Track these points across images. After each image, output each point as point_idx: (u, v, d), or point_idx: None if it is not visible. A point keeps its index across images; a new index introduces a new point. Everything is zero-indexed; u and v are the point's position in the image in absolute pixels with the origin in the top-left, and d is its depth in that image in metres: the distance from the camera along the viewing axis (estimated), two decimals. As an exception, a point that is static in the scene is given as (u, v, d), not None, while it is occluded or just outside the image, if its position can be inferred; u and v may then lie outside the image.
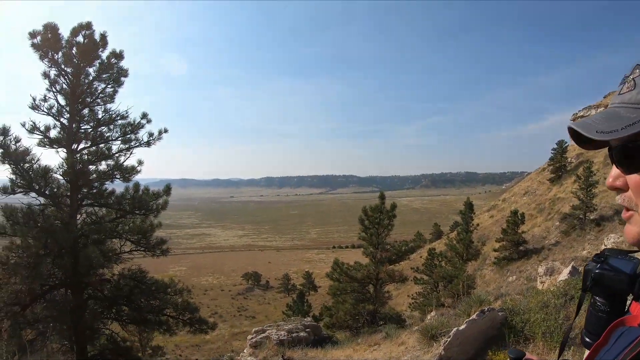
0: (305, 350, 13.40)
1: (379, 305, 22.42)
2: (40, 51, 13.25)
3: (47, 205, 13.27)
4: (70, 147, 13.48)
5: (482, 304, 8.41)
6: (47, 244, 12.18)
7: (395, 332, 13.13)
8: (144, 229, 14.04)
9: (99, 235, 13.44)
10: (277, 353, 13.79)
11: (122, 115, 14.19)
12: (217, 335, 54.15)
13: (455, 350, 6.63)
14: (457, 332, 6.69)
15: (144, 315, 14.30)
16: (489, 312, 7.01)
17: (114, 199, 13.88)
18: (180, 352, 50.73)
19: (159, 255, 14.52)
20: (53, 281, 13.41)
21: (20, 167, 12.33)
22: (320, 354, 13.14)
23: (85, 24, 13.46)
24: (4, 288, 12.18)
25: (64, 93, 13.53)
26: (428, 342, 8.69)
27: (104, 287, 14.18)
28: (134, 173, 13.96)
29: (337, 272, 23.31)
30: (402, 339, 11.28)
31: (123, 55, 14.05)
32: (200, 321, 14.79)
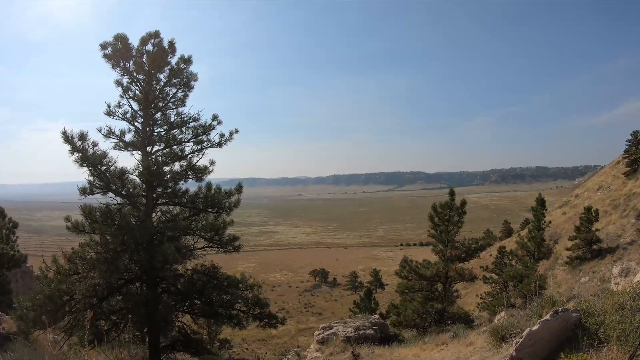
0: (372, 348, 13.48)
1: (447, 305, 22.19)
2: (112, 61, 13.94)
3: (124, 204, 13.91)
4: (145, 150, 14.07)
5: (554, 304, 8.10)
6: (124, 241, 12.71)
7: (463, 332, 13.03)
8: (217, 226, 14.29)
9: (174, 232, 13.96)
10: (344, 349, 13.95)
11: (193, 118, 14.62)
12: (284, 331, 54.75)
13: (526, 352, 6.40)
14: (529, 332, 6.44)
15: (215, 309, 14.64)
16: (563, 312, 6.69)
17: (188, 198, 14.33)
18: (247, 346, 51.50)
19: (231, 251, 14.81)
20: (129, 275, 14.04)
21: (98, 169, 13.04)
22: (386, 352, 13.19)
23: (154, 32, 13.95)
24: (83, 281, 12.91)
25: (137, 99, 14.15)
26: (498, 343, 8.57)
27: (177, 282, 14.57)
28: (207, 173, 14.32)
29: (405, 270, 23.14)
30: (470, 339, 11.20)
31: (191, 60, 14.45)
32: (270, 316, 15.01)
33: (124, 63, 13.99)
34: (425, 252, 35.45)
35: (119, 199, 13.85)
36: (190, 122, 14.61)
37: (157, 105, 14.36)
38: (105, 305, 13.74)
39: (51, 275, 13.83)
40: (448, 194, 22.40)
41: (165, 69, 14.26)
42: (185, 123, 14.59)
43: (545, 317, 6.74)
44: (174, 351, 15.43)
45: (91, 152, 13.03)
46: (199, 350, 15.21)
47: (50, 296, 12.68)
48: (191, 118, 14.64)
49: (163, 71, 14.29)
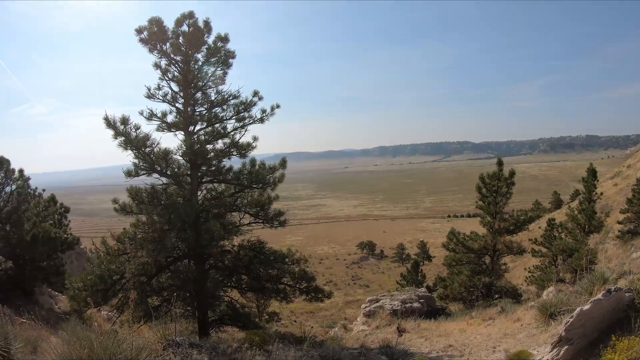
0: (419, 321, 13.52)
1: (495, 278, 21.95)
2: (149, 44, 14.02)
3: (169, 184, 14.13)
4: (187, 130, 14.23)
5: (605, 282, 7.81)
6: (171, 220, 12.95)
7: (510, 308, 12.94)
8: (262, 202, 14.45)
9: (219, 209, 14.19)
10: (390, 322, 14.03)
11: (234, 95, 14.58)
12: (331, 303, 55.23)
13: (576, 332, 6.22)
14: (580, 312, 6.25)
15: (262, 284, 14.84)
16: (616, 292, 6.46)
17: (232, 175, 14.39)
18: (295, 318, 52.18)
19: (277, 226, 14.89)
20: (177, 253, 14.35)
21: (142, 151, 13.30)
22: (433, 325, 13.20)
23: (188, 13, 13.99)
24: (132, 261, 13.30)
25: (176, 80, 14.24)
26: (546, 320, 8.40)
27: (224, 258, 14.77)
28: (250, 149, 14.33)
29: (453, 242, 22.96)
30: (517, 315, 11.10)
31: (228, 38, 14.41)
32: (316, 290, 15.02)
33: (161, 46, 14.07)
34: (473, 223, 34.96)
35: (164, 179, 14.08)
36: (231, 100, 14.60)
37: (197, 85, 14.42)
38: (155, 282, 14.10)
39: (101, 256, 14.31)
40: (496, 164, 21.97)
41: (202, 48, 14.26)
42: (226, 101, 14.60)
43: (597, 296, 6.53)
44: (223, 325, 15.70)
45: (134, 135, 13.29)
46: (246, 324, 15.43)
47: (101, 276, 13.15)
48: (232, 95, 14.61)
49: (200, 51, 14.30)
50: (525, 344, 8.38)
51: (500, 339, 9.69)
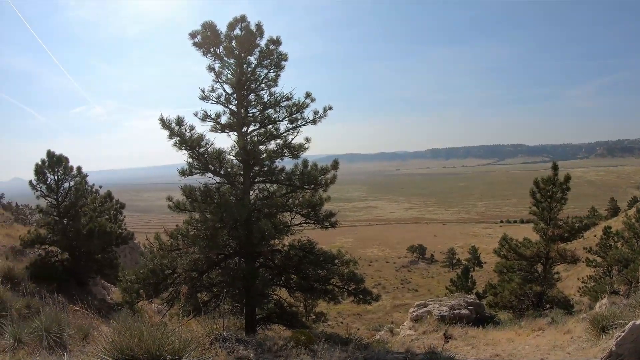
0: (466, 329, 13.35)
1: (547, 287, 21.39)
2: (202, 48, 14.43)
3: (222, 183, 14.47)
4: (241, 130, 14.49)
5: None
6: (223, 218, 13.22)
7: (561, 319, 12.61)
8: (313, 203, 14.53)
9: (271, 209, 14.35)
10: (437, 328, 13.90)
11: (286, 97, 14.77)
12: (379, 306, 54.96)
13: (627, 348, 5.94)
14: (633, 326, 5.96)
15: (311, 284, 14.93)
16: None
17: (284, 175, 14.59)
18: (342, 319, 52.12)
19: (328, 227, 14.91)
20: (228, 251, 14.67)
21: (196, 151, 13.66)
22: (480, 333, 13.01)
23: (240, 17, 14.21)
24: (184, 256, 13.67)
25: (230, 82, 14.54)
26: (597, 333, 8.17)
27: (274, 257, 15.00)
28: (302, 150, 14.47)
29: (504, 249, 22.48)
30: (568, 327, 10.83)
31: (280, 41, 14.58)
32: (364, 292, 14.98)
33: (214, 49, 14.42)
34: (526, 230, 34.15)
35: (218, 179, 14.41)
36: (283, 101, 14.79)
37: (250, 87, 14.66)
38: (205, 278, 14.44)
39: (154, 251, 14.75)
40: (551, 168, 21.39)
41: (255, 51, 14.50)
42: (279, 102, 14.79)
43: (652, 310, 6.34)
44: (270, 323, 15.92)
45: (188, 135, 13.67)
46: (293, 323, 15.64)
47: (153, 270, 13.60)
48: (284, 97, 14.80)
49: (253, 54, 14.54)
50: (575, 357, 8.18)
51: (549, 351, 9.48)
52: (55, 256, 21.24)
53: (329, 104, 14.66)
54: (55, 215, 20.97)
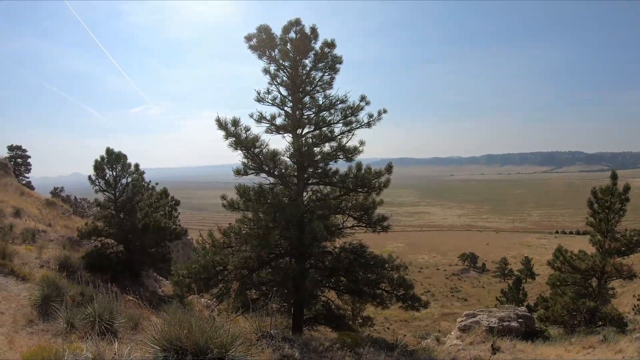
0: (515, 342, 13.09)
1: (601, 303, 20.50)
2: (258, 51, 14.65)
3: (276, 184, 14.65)
4: (295, 132, 14.66)
5: None
6: (276, 218, 13.35)
7: (613, 337, 12.26)
8: (366, 206, 14.45)
9: (323, 211, 14.38)
10: (485, 340, 13.66)
11: (341, 100, 14.79)
12: (427, 314, 54.44)
13: None
14: None
15: (360, 287, 14.86)
16: None
17: (338, 178, 14.52)
18: (389, 325, 51.84)
19: (380, 231, 14.78)
20: (279, 250, 14.81)
21: (251, 152, 13.88)
22: (529, 348, 12.77)
23: (295, 20, 14.34)
24: (236, 254, 13.92)
25: (285, 85, 14.73)
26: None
27: (325, 258, 15.05)
28: (356, 153, 14.38)
29: (558, 261, 21.73)
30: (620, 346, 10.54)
31: (335, 44, 14.61)
32: (413, 298, 14.82)
33: (270, 52, 14.61)
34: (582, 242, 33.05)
35: (272, 179, 14.58)
36: (338, 104, 14.83)
37: (305, 90, 14.79)
38: (255, 276, 14.66)
39: (207, 247, 15.03)
40: (610, 177, 20.55)
41: (309, 54, 14.61)
42: (334, 105, 14.83)
43: None
44: (316, 324, 15.94)
45: (244, 136, 13.90)
46: (340, 325, 15.58)
47: (205, 266, 13.89)
48: (339, 100, 14.83)
49: (308, 56, 14.66)
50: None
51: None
52: (110, 248, 22.04)
53: (383, 107, 14.63)
54: (112, 209, 21.76)
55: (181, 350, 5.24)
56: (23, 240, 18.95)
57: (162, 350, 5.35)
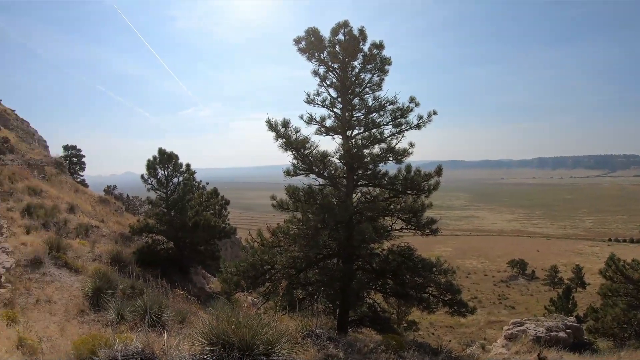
0: (562, 353, 12.79)
1: None
2: (307, 53, 14.81)
3: (326, 185, 14.76)
4: (345, 134, 14.69)
5: None
6: (325, 219, 13.48)
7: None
8: (415, 209, 14.37)
9: (372, 212, 14.38)
10: (531, 350, 13.38)
11: (390, 101, 14.76)
12: (473, 320, 53.62)
13: None
14: None
15: (407, 291, 14.78)
16: None
17: (387, 180, 14.51)
18: (434, 330, 51.32)
19: (428, 234, 14.70)
20: (327, 251, 14.89)
21: (301, 153, 14.03)
22: (576, 359, 12.49)
23: (343, 22, 14.43)
24: (284, 254, 14.06)
25: (334, 86, 14.82)
26: None
27: (372, 260, 15.02)
28: (406, 155, 14.33)
29: (610, 270, 21.02)
30: (671, 363, 10.22)
31: (383, 45, 14.60)
32: (460, 303, 14.69)
33: (318, 54, 14.75)
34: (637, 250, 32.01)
35: (321, 180, 14.69)
36: (387, 106, 14.79)
37: (354, 91, 14.82)
38: (302, 276, 14.76)
39: (255, 246, 15.21)
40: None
41: (358, 55, 14.65)
42: (383, 107, 14.81)
43: None
44: (361, 326, 15.96)
45: (294, 137, 14.07)
46: (385, 328, 15.53)
47: (253, 264, 14.11)
48: (388, 101, 14.80)
49: (357, 58, 14.70)
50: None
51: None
52: (160, 244, 22.62)
53: (433, 108, 14.54)
54: (163, 207, 22.30)
55: (228, 344, 5.34)
56: (77, 235, 19.55)
57: (209, 343, 5.46)
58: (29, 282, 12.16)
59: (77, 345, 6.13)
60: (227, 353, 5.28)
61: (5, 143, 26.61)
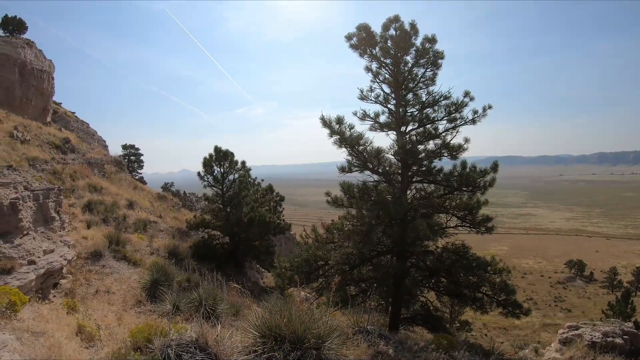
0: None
1: None
2: (359, 50, 14.81)
3: (380, 181, 14.69)
4: (399, 129, 14.63)
5: None
6: (379, 216, 13.43)
7: None
8: (470, 206, 14.11)
9: (427, 209, 14.26)
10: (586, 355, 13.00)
11: (444, 96, 14.56)
12: (527, 322, 52.69)
13: None
14: None
15: (460, 289, 14.61)
16: None
17: (442, 176, 14.30)
18: (487, 332, 50.68)
19: (484, 232, 14.32)
20: (381, 248, 14.84)
21: (355, 149, 14.02)
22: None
23: (394, 17, 14.35)
24: (338, 250, 14.14)
25: (387, 82, 14.77)
26: None
27: (426, 258, 14.87)
28: (461, 151, 14.09)
29: None
30: None
31: (436, 39, 14.43)
32: (514, 304, 14.35)
33: (370, 50, 14.73)
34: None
35: (375, 177, 14.64)
36: (441, 100, 14.61)
37: (408, 87, 14.74)
38: (356, 272, 14.78)
39: (310, 242, 15.33)
40: None
41: (410, 50, 14.53)
42: (437, 102, 14.64)
43: None
44: (413, 324, 15.87)
45: (348, 134, 14.08)
46: (437, 327, 15.39)
47: (307, 260, 14.23)
48: (442, 96, 14.62)
49: (409, 53, 14.58)
50: None
51: None
52: (216, 239, 23.26)
53: (488, 103, 14.21)
54: (219, 203, 22.88)
55: (279, 337, 5.46)
56: (135, 230, 20.25)
57: (261, 336, 5.58)
58: (89, 274, 12.74)
59: (133, 333, 6.40)
60: (279, 346, 5.39)
61: (66, 143, 27.74)
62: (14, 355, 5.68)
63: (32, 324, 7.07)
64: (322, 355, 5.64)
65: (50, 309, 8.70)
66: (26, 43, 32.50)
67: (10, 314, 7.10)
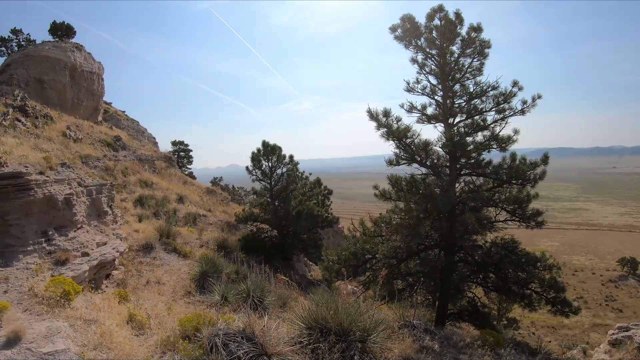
0: (667, 364, 12.03)
1: None
2: (404, 41, 14.73)
3: (428, 174, 14.61)
4: (447, 121, 14.49)
5: None
6: (427, 209, 13.36)
7: None
8: (520, 199, 13.80)
9: (476, 203, 13.95)
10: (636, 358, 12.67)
11: (492, 86, 14.35)
12: (577, 322, 51.40)
13: None
14: None
15: (508, 286, 14.31)
16: None
17: (491, 169, 14.13)
18: (534, 330, 49.75)
19: (534, 227, 14.09)
20: (429, 242, 14.75)
21: (403, 142, 13.97)
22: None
23: (437, 7, 14.20)
24: (386, 243, 14.11)
25: (434, 73, 14.64)
26: None
27: (475, 253, 14.70)
28: (510, 142, 13.83)
29: None
30: None
31: (482, 28, 14.21)
32: (564, 302, 13.97)
33: (415, 41, 14.64)
34: None
35: (423, 170, 14.60)
36: (489, 91, 14.41)
37: (455, 77, 14.54)
38: (403, 266, 14.74)
39: (357, 236, 15.37)
40: None
41: (456, 40, 14.41)
42: (485, 92, 14.45)
43: None
44: (459, 320, 15.67)
45: (395, 126, 14.02)
46: (483, 324, 15.14)
47: (355, 253, 14.27)
48: (490, 86, 14.41)
49: (455, 43, 14.47)
50: None
51: None
52: (265, 232, 23.76)
53: (537, 92, 13.86)
54: (267, 197, 23.27)
55: (325, 329, 5.53)
56: (185, 223, 20.79)
57: (307, 327, 5.67)
58: (140, 265, 13.20)
59: (182, 322, 6.63)
60: (324, 337, 5.46)
61: (117, 141, 28.55)
62: (66, 341, 5.96)
63: (85, 312, 7.41)
64: (367, 348, 5.69)
65: (103, 298, 9.13)
66: (75, 47, 33.54)
67: (64, 302, 7.47)
